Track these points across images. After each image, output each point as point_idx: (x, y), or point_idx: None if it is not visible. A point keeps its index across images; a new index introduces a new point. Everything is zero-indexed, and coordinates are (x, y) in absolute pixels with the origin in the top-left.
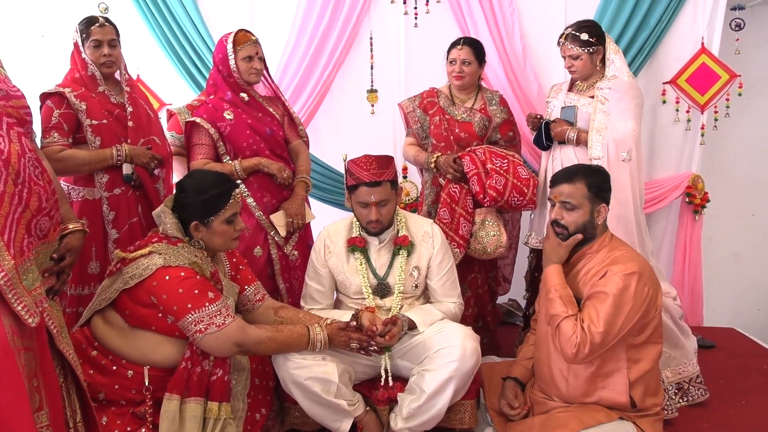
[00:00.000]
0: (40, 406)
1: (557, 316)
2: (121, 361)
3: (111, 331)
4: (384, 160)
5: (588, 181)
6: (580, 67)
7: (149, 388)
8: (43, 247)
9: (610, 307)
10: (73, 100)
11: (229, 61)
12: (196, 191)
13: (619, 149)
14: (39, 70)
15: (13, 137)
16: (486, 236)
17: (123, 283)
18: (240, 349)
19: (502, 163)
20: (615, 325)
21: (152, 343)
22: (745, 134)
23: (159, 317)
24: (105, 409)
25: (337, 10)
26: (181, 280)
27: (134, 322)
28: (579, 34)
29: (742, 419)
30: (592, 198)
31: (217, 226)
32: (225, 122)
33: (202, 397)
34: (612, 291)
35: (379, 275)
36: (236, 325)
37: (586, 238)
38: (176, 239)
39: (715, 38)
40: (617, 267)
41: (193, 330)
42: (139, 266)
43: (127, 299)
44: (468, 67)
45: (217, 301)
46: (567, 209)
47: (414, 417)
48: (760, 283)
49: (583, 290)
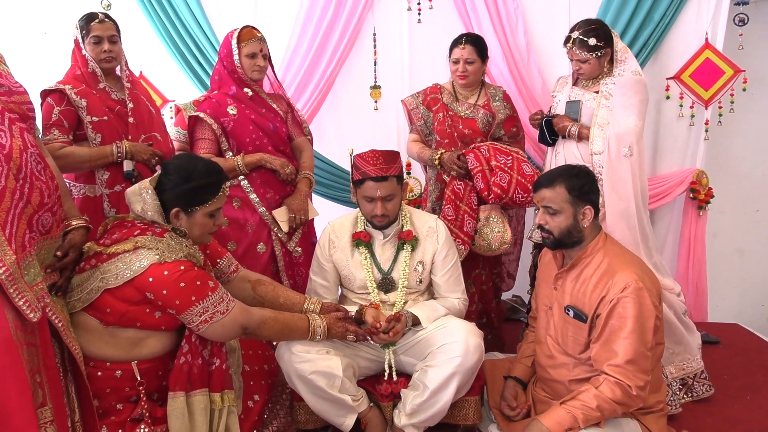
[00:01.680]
0: (44, 402)
1: (596, 409)
2: (105, 364)
3: (87, 336)
4: (390, 155)
5: (568, 184)
6: (588, 70)
7: (142, 382)
8: (46, 243)
9: (630, 344)
10: (74, 97)
11: (234, 57)
12: (184, 176)
13: (620, 144)
14: (42, 67)
15: (15, 132)
16: (490, 233)
17: (105, 282)
18: (245, 332)
19: (506, 160)
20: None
21: (136, 339)
22: (749, 130)
23: (146, 313)
24: (104, 419)
25: (340, 5)
26: (182, 273)
27: (113, 321)
28: (587, 39)
29: (747, 415)
30: (574, 201)
31: (199, 217)
32: (228, 117)
33: (206, 388)
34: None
35: (383, 270)
36: (239, 307)
37: (573, 241)
38: (160, 228)
39: (719, 33)
40: (617, 284)
41: (198, 321)
42: (126, 263)
43: (109, 297)
44: (471, 65)
45: (218, 289)
46: (550, 214)
47: (417, 413)
48: (764, 279)
49: (584, 301)
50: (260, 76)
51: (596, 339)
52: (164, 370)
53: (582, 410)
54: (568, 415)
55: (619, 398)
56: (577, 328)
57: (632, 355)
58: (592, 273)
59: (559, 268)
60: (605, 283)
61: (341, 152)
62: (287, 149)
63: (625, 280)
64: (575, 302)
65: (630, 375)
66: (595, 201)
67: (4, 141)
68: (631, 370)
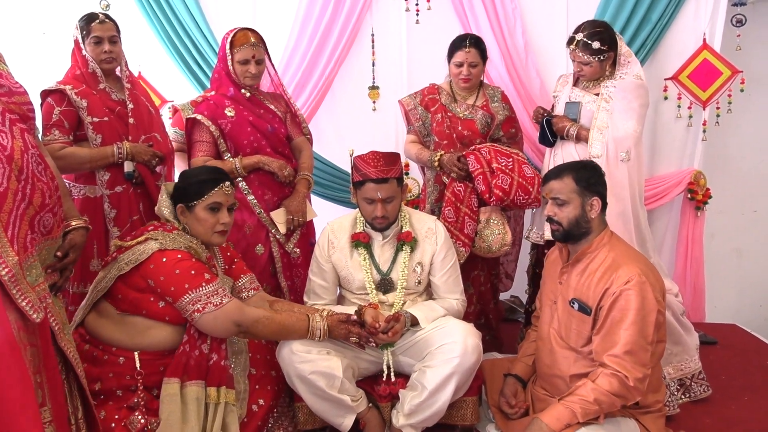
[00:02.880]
0: (43, 402)
1: (594, 402)
2: (111, 349)
3: (103, 320)
4: (391, 156)
5: (575, 175)
6: (589, 72)
7: (141, 372)
8: (47, 244)
9: (630, 335)
10: (74, 97)
11: (228, 61)
12: (189, 175)
13: (618, 148)
14: (40, 67)
15: (15, 133)
16: (491, 235)
17: (118, 269)
18: (238, 329)
19: (507, 162)
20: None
21: (141, 327)
22: (747, 130)
23: (150, 301)
24: (103, 405)
25: (339, 6)
26: (178, 261)
27: (125, 307)
28: (591, 42)
29: (744, 415)
30: (582, 191)
31: (198, 211)
32: (226, 119)
33: (202, 380)
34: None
35: (382, 271)
36: (234, 304)
37: (581, 232)
38: (171, 226)
39: (717, 34)
40: (621, 277)
41: (191, 310)
42: (135, 252)
43: (121, 284)
44: (475, 68)
45: (214, 282)
46: (558, 205)
47: (416, 413)
48: (762, 279)
49: (588, 294)
50: (252, 82)
51: (597, 331)
52: (166, 366)
53: (580, 404)
54: (566, 410)
55: (617, 390)
56: (580, 320)
57: (631, 346)
58: (597, 267)
59: (564, 261)
60: (609, 276)
61: (340, 153)
62: (286, 150)
63: (628, 273)
64: (580, 295)
65: (628, 366)
66: (603, 193)
67: (5, 142)
68: (629, 361)
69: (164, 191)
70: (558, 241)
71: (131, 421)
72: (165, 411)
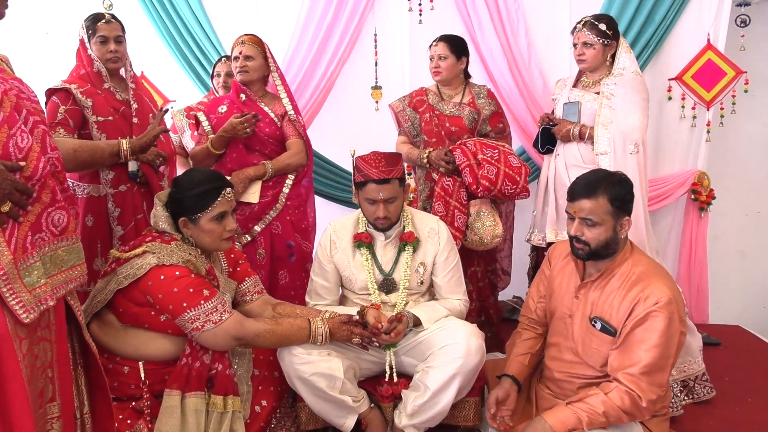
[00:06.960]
0: (53, 397)
1: (602, 414)
2: (116, 359)
3: (106, 330)
4: (393, 157)
5: (611, 194)
6: (590, 56)
7: (146, 382)
8: (62, 245)
9: (652, 357)
10: (79, 96)
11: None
12: (186, 186)
13: (626, 142)
14: (43, 67)
15: (37, 136)
16: (482, 227)
17: (117, 283)
18: (239, 343)
19: (492, 153)
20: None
21: (144, 339)
22: (750, 131)
23: (151, 315)
24: None
25: (341, 6)
26: (176, 279)
27: (126, 320)
28: (597, 23)
29: (748, 417)
30: (615, 213)
31: (204, 223)
32: (216, 115)
33: (203, 391)
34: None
35: (384, 271)
36: (233, 319)
37: (608, 252)
38: (170, 237)
39: (721, 34)
40: (649, 298)
41: (190, 327)
42: (133, 266)
43: (122, 298)
44: (444, 61)
45: (213, 298)
46: (588, 225)
47: (418, 414)
48: (765, 281)
49: (611, 313)
50: (242, 78)
51: (616, 347)
52: (170, 374)
53: (588, 413)
54: (573, 415)
55: (628, 407)
56: (602, 341)
57: (650, 368)
58: (620, 284)
59: (581, 276)
60: (635, 295)
61: (342, 153)
62: (266, 149)
63: (657, 294)
64: (602, 313)
65: (643, 386)
66: (631, 211)
67: (22, 144)
68: (645, 381)
69: (158, 203)
70: (580, 259)
71: (135, 430)
72: (166, 424)
